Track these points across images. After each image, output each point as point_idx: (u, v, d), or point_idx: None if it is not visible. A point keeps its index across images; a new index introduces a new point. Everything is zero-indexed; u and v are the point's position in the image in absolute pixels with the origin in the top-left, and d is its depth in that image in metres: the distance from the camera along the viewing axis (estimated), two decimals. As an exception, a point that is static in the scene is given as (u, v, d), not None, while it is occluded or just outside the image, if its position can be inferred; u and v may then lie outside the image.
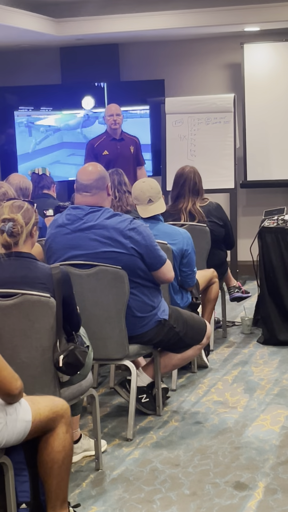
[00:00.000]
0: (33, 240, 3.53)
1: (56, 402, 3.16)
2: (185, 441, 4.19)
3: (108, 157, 7.39)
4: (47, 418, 3.08)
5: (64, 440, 3.12)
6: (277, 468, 3.81)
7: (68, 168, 8.33)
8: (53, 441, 3.10)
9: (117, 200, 5.67)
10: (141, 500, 3.55)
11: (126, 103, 8.16)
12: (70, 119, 8.38)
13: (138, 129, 8.14)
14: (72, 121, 8.39)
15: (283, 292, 5.80)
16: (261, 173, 8.15)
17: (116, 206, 5.64)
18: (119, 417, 4.56)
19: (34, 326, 3.36)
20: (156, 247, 4.24)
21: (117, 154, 7.46)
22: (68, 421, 3.15)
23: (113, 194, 5.58)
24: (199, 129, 7.83)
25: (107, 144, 7.48)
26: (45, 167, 6.65)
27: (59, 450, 3.10)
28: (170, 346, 4.48)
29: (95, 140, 7.57)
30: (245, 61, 8.02)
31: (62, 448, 3.11)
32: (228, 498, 3.53)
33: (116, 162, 7.36)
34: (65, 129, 8.39)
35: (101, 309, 4.17)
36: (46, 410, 3.08)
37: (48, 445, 3.10)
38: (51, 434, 3.10)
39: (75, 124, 8.42)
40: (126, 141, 7.59)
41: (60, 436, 3.11)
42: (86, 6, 7.54)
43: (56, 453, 3.09)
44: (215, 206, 5.78)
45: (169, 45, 8.53)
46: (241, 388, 4.99)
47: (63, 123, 8.37)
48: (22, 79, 8.69)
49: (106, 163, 7.29)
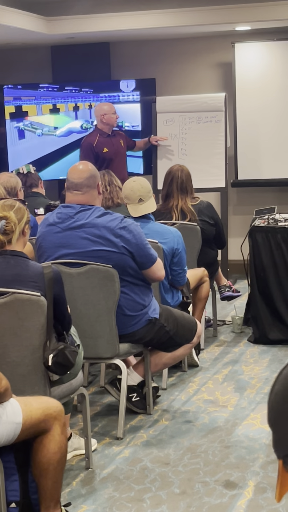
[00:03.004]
0: (25, 239, 3.53)
1: (50, 404, 3.14)
2: (175, 440, 4.20)
3: (108, 154, 7.38)
4: (39, 420, 3.06)
5: (59, 441, 3.10)
6: (267, 466, 3.82)
7: (59, 166, 8.32)
8: (48, 443, 3.08)
9: (108, 193, 5.68)
10: (131, 499, 3.55)
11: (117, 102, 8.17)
12: (67, 123, 8.35)
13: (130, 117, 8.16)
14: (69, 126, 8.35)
15: (274, 291, 5.82)
16: (252, 172, 8.17)
17: (107, 198, 5.64)
18: (110, 416, 4.57)
19: (24, 325, 3.35)
20: (147, 245, 4.24)
21: (114, 150, 7.47)
22: (62, 422, 3.14)
23: (104, 188, 5.60)
24: (190, 128, 7.84)
25: (104, 141, 7.45)
26: (28, 164, 6.61)
27: (55, 452, 3.09)
28: (161, 345, 4.48)
29: (91, 138, 7.48)
30: (236, 60, 8.03)
31: (58, 449, 3.10)
32: (218, 496, 3.54)
33: (115, 158, 7.37)
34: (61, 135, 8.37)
35: (92, 307, 4.17)
36: (39, 412, 3.06)
37: (43, 447, 3.08)
38: (46, 436, 3.08)
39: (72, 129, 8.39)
40: (116, 136, 7.60)
41: (55, 438, 3.09)
42: (77, 5, 7.54)
43: (52, 455, 3.08)
44: (206, 205, 5.79)
45: (160, 44, 8.53)
46: (232, 387, 5.00)
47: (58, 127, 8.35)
48: (13, 78, 8.67)
49: (108, 160, 7.29)
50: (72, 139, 8.32)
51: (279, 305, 5.82)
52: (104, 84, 8.37)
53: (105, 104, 7.63)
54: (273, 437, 1.57)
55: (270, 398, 1.58)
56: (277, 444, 1.57)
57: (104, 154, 7.36)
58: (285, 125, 8.02)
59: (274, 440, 1.58)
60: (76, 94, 8.31)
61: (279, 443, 1.57)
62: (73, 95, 8.30)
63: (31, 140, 8.34)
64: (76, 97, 8.30)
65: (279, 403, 1.55)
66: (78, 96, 8.31)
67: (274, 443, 1.58)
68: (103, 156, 7.35)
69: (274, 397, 1.56)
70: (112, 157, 7.40)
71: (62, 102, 8.31)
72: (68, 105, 8.32)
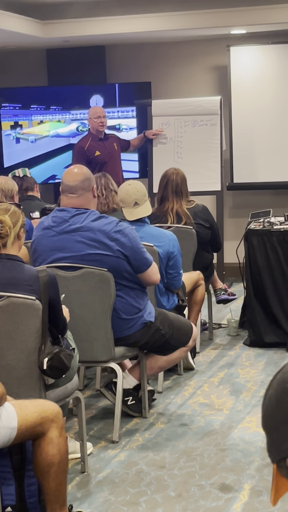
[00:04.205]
0: (20, 242, 3.53)
1: (46, 407, 3.13)
2: (171, 443, 4.19)
3: (100, 157, 7.40)
4: (35, 423, 3.04)
5: (58, 444, 3.09)
6: (262, 470, 3.82)
7: (54, 168, 8.32)
8: (46, 446, 3.07)
9: (104, 197, 5.67)
10: (127, 502, 3.55)
11: (113, 105, 8.16)
12: (59, 127, 8.35)
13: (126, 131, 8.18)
14: (62, 130, 8.35)
15: (269, 294, 5.82)
16: (247, 176, 8.17)
17: (103, 203, 5.64)
18: (105, 420, 4.56)
19: (20, 329, 3.35)
20: (142, 249, 4.24)
21: (107, 153, 7.49)
22: (60, 424, 3.12)
23: (100, 192, 5.60)
24: (186, 132, 7.84)
25: (96, 145, 7.49)
26: (24, 167, 6.61)
27: (54, 454, 3.07)
28: (156, 348, 4.48)
29: (83, 142, 7.55)
30: (231, 63, 8.04)
31: (57, 451, 3.08)
32: (214, 500, 3.54)
33: (108, 161, 7.38)
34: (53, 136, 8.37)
35: (87, 311, 4.17)
36: (34, 416, 3.05)
37: (42, 450, 3.07)
38: (43, 439, 3.07)
39: (65, 133, 8.38)
40: (109, 139, 7.62)
41: (53, 441, 3.08)
42: (72, 8, 7.54)
43: (51, 457, 3.07)
44: (202, 208, 5.79)
45: (155, 47, 8.53)
46: (227, 390, 5.00)
47: (52, 131, 8.35)
48: (8, 81, 8.67)
49: (100, 163, 7.31)
50: (65, 142, 8.34)
51: (275, 308, 5.82)
52: (99, 87, 8.38)
53: (94, 108, 7.65)
54: (267, 441, 1.58)
55: (264, 402, 1.58)
56: (271, 448, 1.58)
57: (96, 158, 7.39)
58: (280, 128, 8.03)
59: (268, 444, 1.58)
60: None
61: (273, 447, 1.57)
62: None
63: (25, 144, 8.36)
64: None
65: (272, 407, 1.55)
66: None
67: (268, 447, 1.58)
68: (95, 159, 7.37)
69: (268, 401, 1.57)
70: (105, 160, 7.42)
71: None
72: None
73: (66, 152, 8.24)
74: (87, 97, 8.28)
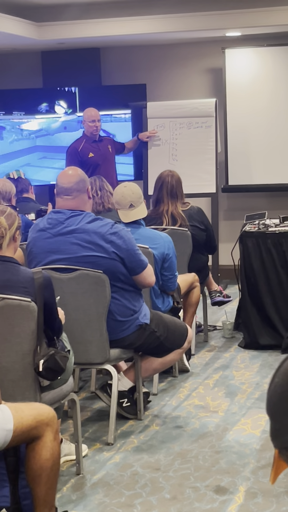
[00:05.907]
0: (16, 244, 3.52)
1: (41, 411, 3.12)
2: (166, 445, 4.19)
3: (93, 159, 7.41)
4: (30, 427, 3.04)
5: (52, 448, 3.09)
6: (257, 472, 3.82)
7: (47, 171, 8.31)
8: (41, 449, 3.06)
9: (99, 197, 5.68)
10: (122, 505, 3.55)
11: (108, 108, 8.17)
12: (52, 123, 8.36)
13: (121, 133, 8.17)
14: (54, 125, 8.37)
15: (264, 296, 5.82)
16: (242, 178, 8.18)
17: (98, 203, 5.65)
18: (100, 422, 4.56)
19: (15, 330, 3.35)
20: (137, 251, 4.24)
21: (100, 155, 7.50)
22: (55, 428, 3.12)
23: (94, 192, 5.61)
24: (181, 134, 7.85)
25: (89, 147, 7.49)
26: (18, 169, 6.61)
27: (47, 458, 3.07)
28: (151, 350, 4.48)
29: (77, 144, 7.55)
30: (226, 66, 8.05)
31: (50, 455, 3.08)
32: (209, 502, 3.53)
33: (101, 163, 7.39)
34: (44, 133, 8.37)
35: (82, 313, 4.17)
36: (30, 419, 3.04)
37: (35, 454, 3.06)
38: (38, 442, 3.07)
39: (55, 129, 8.39)
40: (104, 141, 7.62)
41: (47, 444, 3.07)
42: (67, 10, 7.54)
43: (44, 461, 3.07)
44: (197, 210, 5.79)
45: (150, 49, 8.54)
46: (222, 392, 5.00)
47: (44, 126, 8.35)
48: (3, 83, 8.66)
49: (93, 165, 7.31)
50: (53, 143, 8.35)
51: (270, 310, 5.82)
52: (94, 89, 8.38)
53: (89, 110, 7.62)
54: (271, 427, 1.63)
55: (269, 389, 1.62)
56: (274, 434, 1.62)
57: (89, 159, 7.38)
58: (275, 131, 8.04)
59: (272, 431, 1.63)
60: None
61: (277, 433, 1.62)
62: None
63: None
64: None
65: (278, 394, 1.59)
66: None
67: (271, 433, 1.63)
68: (89, 161, 7.37)
69: (274, 388, 1.60)
70: (99, 162, 7.42)
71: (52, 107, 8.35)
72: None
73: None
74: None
